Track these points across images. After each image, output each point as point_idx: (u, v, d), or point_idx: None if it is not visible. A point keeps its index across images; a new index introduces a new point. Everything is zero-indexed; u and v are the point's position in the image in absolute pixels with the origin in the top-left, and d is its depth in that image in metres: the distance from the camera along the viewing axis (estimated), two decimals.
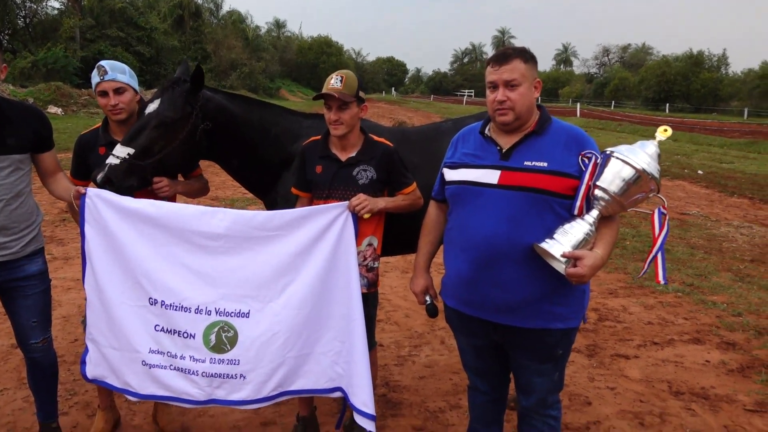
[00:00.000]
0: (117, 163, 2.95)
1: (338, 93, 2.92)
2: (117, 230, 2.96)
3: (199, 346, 2.96)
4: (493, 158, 2.58)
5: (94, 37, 41.36)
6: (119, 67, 3.19)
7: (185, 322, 2.96)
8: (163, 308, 2.97)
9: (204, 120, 3.17)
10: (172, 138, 3.06)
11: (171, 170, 3.21)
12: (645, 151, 2.41)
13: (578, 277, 2.32)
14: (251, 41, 66.06)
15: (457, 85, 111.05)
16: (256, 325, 2.97)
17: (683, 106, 67.22)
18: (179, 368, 2.98)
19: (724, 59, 76.96)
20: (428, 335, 5.12)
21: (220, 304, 2.96)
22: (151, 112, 3.06)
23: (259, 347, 2.97)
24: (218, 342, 2.97)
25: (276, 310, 2.97)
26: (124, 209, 2.96)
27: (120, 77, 3.16)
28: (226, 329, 2.97)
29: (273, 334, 2.97)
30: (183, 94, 3.10)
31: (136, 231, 2.96)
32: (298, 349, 3.01)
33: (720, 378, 4.48)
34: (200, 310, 2.96)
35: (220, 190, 11.13)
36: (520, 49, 2.55)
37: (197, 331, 2.96)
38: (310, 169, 3.13)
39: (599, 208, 2.43)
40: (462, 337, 2.88)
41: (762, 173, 16.18)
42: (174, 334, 2.98)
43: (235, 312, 2.97)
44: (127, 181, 2.98)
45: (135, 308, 2.99)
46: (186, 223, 2.95)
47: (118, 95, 3.15)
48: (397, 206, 3.11)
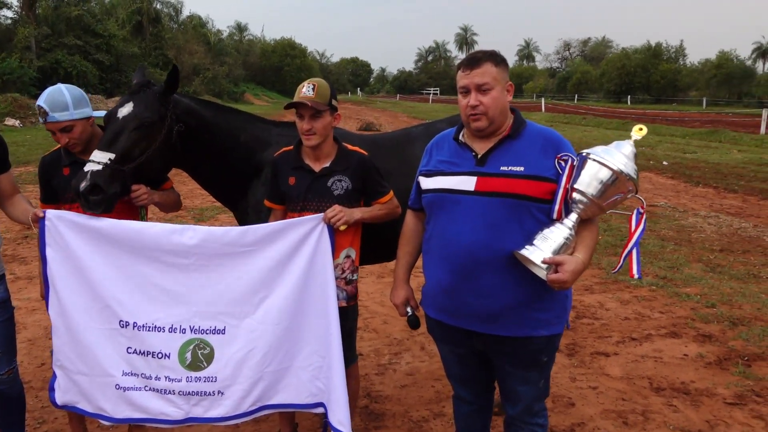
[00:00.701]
0: (99, 169, 2.75)
1: (311, 102, 2.83)
2: (81, 252, 2.84)
3: (175, 365, 2.88)
4: (469, 164, 2.52)
5: (50, 46, 40.28)
6: (60, 104, 2.89)
7: (159, 342, 2.87)
8: (135, 330, 2.86)
9: (177, 122, 3.06)
10: (152, 140, 2.94)
11: (150, 176, 3.06)
12: (621, 152, 2.38)
13: (560, 283, 2.28)
14: (213, 45, 65.21)
15: (423, 83, 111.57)
16: (232, 341, 2.90)
17: (644, 97, 68.68)
18: (155, 389, 2.89)
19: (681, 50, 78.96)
20: (408, 341, 5.06)
21: (194, 322, 2.88)
22: (126, 115, 2.91)
23: (237, 363, 2.90)
24: (194, 360, 2.89)
25: (252, 326, 2.91)
26: (87, 230, 2.84)
27: (60, 116, 2.89)
28: (202, 346, 2.89)
29: (250, 350, 2.90)
30: (156, 95, 2.99)
31: (101, 252, 2.84)
32: (277, 363, 2.95)
33: (699, 371, 4.50)
34: (174, 329, 2.88)
35: (188, 200, 10.89)
36: (490, 52, 2.50)
37: (172, 350, 2.88)
38: (283, 180, 3.04)
39: (578, 211, 2.39)
40: (444, 346, 2.82)
41: (724, 162, 16.55)
42: (147, 355, 2.88)
43: (211, 329, 2.90)
44: (111, 187, 2.78)
45: (105, 331, 2.88)
46: (154, 242, 2.84)
47: (66, 133, 2.94)
48: (374, 216, 3.04)
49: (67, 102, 2.91)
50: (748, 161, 16.81)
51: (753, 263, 7.35)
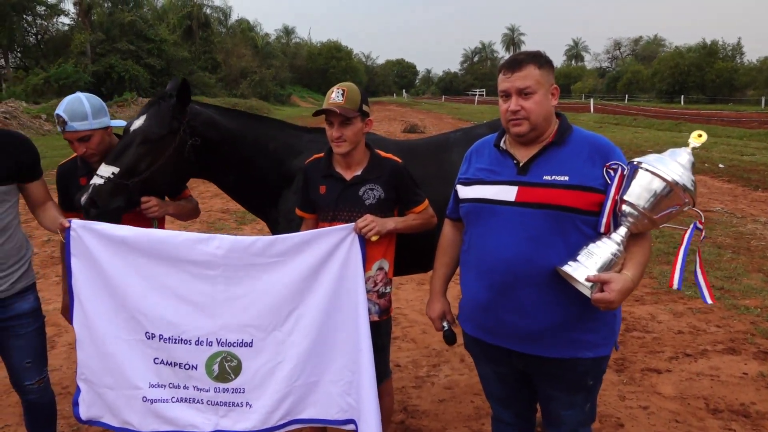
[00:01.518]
0: (101, 183, 2.78)
1: (340, 108, 2.71)
2: (106, 263, 2.79)
3: (202, 376, 2.83)
4: (510, 173, 2.36)
5: (104, 51, 41.62)
6: (79, 114, 2.86)
7: (186, 354, 2.82)
8: (162, 342, 2.81)
9: (192, 136, 2.99)
10: (159, 155, 2.90)
11: (159, 189, 3.04)
12: (677, 161, 2.18)
13: (606, 303, 2.09)
14: (261, 49, 66.27)
15: (468, 84, 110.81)
16: (260, 354, 2.83)
17: (698, 97, 66.33)
18: (183, 398, 2.86)
19: (738, 48, 75.93)
20: (447, 353, 4.89)
21: (221, 335, 2.81)
22: (136, 129, 2.90)
23: (264, 376, 2.83)
24: (222, 372, 2.84)
25: (280, 339, 2.83)
26: (113, 240, 2.78)
27: (79, 126, 2.86)
28: (229, 359, 2.83)
29: (278, 363, 2.83)
30: (169, 108, 2.94)
31: (126, 263, 2.79)
32: (306, 377, 2.86)
33: (760, 393, 4.19)
34: (201, 342, 2.81)
35: (231, 203, 10.96)
36: (533, 53, 2.33)
37: (199, 362, 2.82)
38: (314, 189, 2.94)
39: (627, 225, 2.20)
40: (483, 364, 2.66)
41: None
42: (175, 366, 2.84)
43: (238, 342, 2.82)
44: (112, 202, 2.81)
45: (131, 342, 2.83)
46: (179, 252, 2.78)
47: (84, 143, 2.91)
48: (408, 226, 2.90)
49: (86, 111, 2.88)
50: None
51: None
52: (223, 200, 10.99)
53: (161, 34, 46.60)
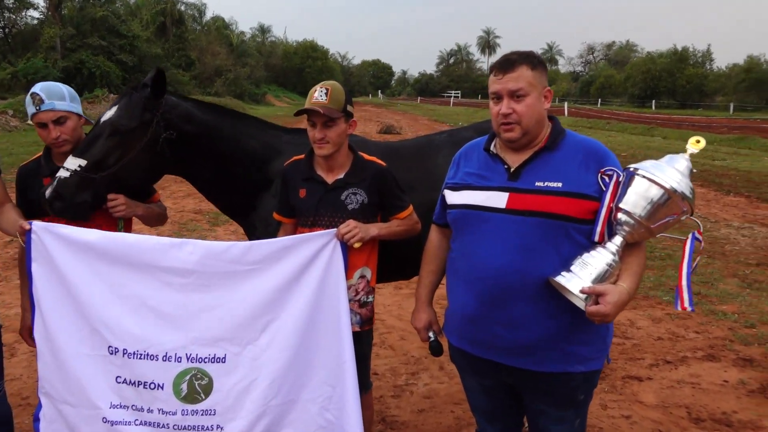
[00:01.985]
0: (67, 176, 2.64)
1: (323, 108, 2.58)
2: (68, 269, 2.60)
3: (169, 397, 2.61)
4: (500, 178, 2.25)
5: (75, 46, 40.66)
6: (57, 92, 2.74)
7: (152, 371, 2.61)
8: (126, 357, 2.61)
9: (167, 129, 2.84)
10: (129, 148, 2.76)
11: (129, 185, 2.86)
12: (675, 167, 2.09)
13: (601, 316, 2.00)
14: (236, 47, 65.56)
15: (444, 86, 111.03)
16: (233, 370, 2.63)
17: (669, 102, 67.47)
18: (147, 422, 2.63)
19: (708, 55, 77.27)
20: (426, 360, 4.77)
21: (191, 350, 2.62)
22: (105, 120, 2.76)
23: (238, 395, 2.63)
24: (191, 391, 2.62)
25: (256, 354, 2.64)
26: (77, 244, 2.60)
27: (59, 105, 2.72)
28: (200, 377, 2.62)
29: (253, 380, 2.64)
30: (141, 100, 2.80)
31: (91, 269, 2.61)
32: (283, 395, 2.67)
33: (741, 401, 4.16)
34: (169, 357, 2.61)
35: (204, 203, 10.72)
36: (526, 53, 2.22)
37: (166, 380, 2.61)
38: (293, 192, 2.79)
39: (623, 234, 2.10)
40: (469, 377, 2.54)
41: (756, 170, 15.99)
42: (139, 385, 2.62)
43: (209, 357, 2.63)
44: (78, 195, 2.66)
45: (93, 357, 2.63)
46: (149, 258, 2.60)
47: (59, 126, 2.74)
48: (392, 232, 2.77)
49: (65, 93, 2.76)
50: None
51: None
52: (196, 200, 10.74)
53: (134, 30, 45.70)
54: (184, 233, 8.45)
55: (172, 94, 2.97)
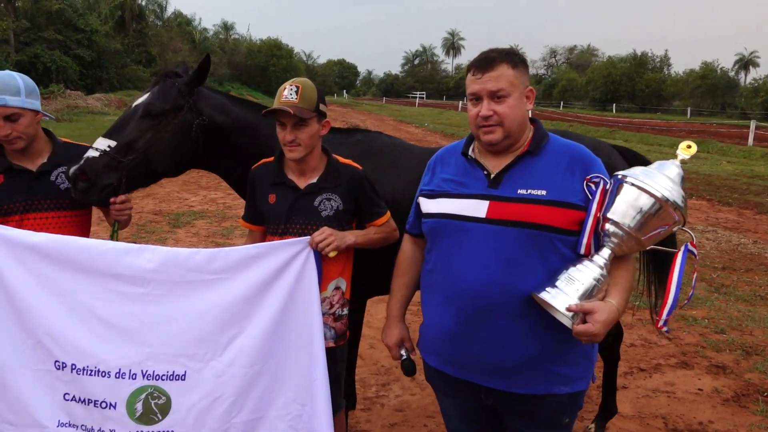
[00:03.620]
0: (95, 155, 2.54)
1: (293, 108, 2.39)
2: (11, 275, 2.37)
3: (122, 417, 2.38)
4: (480, 185, 2.09)
5: (29, 39, 39.31)
6: (11, 87, 2.53)
7: (103, 389, 2.37)
8: (74, 373, 2.37)
9: (200, 116, 2.78)
10: (162, 131, 2.68)
11: (159, 171, 2.78)
12: (665, 174, 1.96)
13: (589, 336, 1.85)
14: (198, 44, 64.45)
15: (409, 87, 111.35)
16: (194, 388, 2.42)
17: (629, 105, 68.92)
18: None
19: (666, 60, 79.48)
20: (396, 370, 4.60)
21: (147, 366, 2.39)
22: (138, 103, 2.73)
23: (199, 414, 2.42)
24: (146, 411, 2.39)
25: (219, 370, 2.43)
26: (22, 248, 2.38)
27: (12, 101, 2.51)
28: (156, 395, 2.40)
29: (216, 398, 2.42)
30: (174, 85, 2.75)
31: (36, 276, 2.37)
32: (248, 412, 2.47)
33: (716, 410, 4.10)
34: (122, 374, 2.38)
35: (164, 203, 10.36)
36: (506, 51, 2.06)
37: (119, 399, 2.38)
38: (262, 198, 2.60)
39: (611, 246, 1.97)
40: (446, 399, 2.37)
41: (715, 173, 16.31)
42: (89, 404, 2.38)
43: (168, 375, 2.41)
44: (105, 177, 2.55)
45: (38, 372, 2.39)
46: (102, 264, 2.38)
47: (10, 122, 2.53)
48: (369, 240, 2.59)
49: (20, 87, 2.56)
50: (739, 173, 16.58)
51: (758, 283, 6.99)
52: (155, 201, 10.37)
53: (92, 25, 44.35)
54: (142, 235, 8.10)
55: (207, 87, 2.92)
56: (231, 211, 9.94)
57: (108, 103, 32.60)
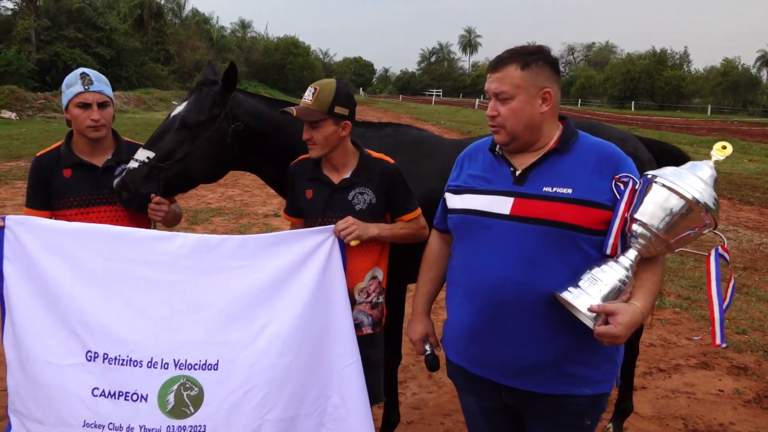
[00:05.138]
0: (136, 167, 2.68)
1: (301, 110, 2.48)
2: (45, 267, 2.39)
3: (153, 410, 2.35)
4: (505, 182, 2.07)
5: (50, 38, 39.74)
6: (104, 79, 2.79)
7: (135, 379, 2.36)
8: (106, 363, 2.36)
9: (235, 122, 2.84)
10: (196, 141, 2.77)
11: (197, 176, 2.87)
12: (697, 175, 1.91)
13: (611, 337, 1.82)
14: (216, 42, 64.75)
15: (425, 84, 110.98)
16: (227, 379, 2.40)
17: (648, 103, 68.18)
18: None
19: (686, 57, 78.43)
20: (413, 368, 4.60)
21: (179, 354, 2.38)
22: (175, 115, 2.82)
23: (231, 408, 2.38)
24: (178, 404, 2.37)
25: (252, 360, 2.42)
26: (56, 238, 2.41)
27: (106, 90, 2.76)
28: (189, 386, 2.38)
29: (248, 390, 2.40)
30: (210, 94, 2.82)
31: (71, 266, 2.40)
32: (281, 410, 2.44)
33: (737, 411, 4.05)
34: (154, 364, 2.37)
35: (181, 201, 10.41)
36: (522, 51, 2.02)
37: (150, 390, 2.36)
38: (300, 193, 2.68)
39: (638, 247, 1.93)
40: (467, 396, 2.36)
41: (736, 172, 16.11)
42: (119, 397, 2.36)
43: (200, 364, 2.39)
44: (145, 187, 2.68)
45: (67, 368, 2.38)
46: (135, 252, 2.41)
47: (102, 109, 2.71)
48: (394, 235, 2.63)
49: (108, 81, 2.84)
50: (761, 171, 16.36)
51: None
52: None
53: (111, 23, 44.74)
54: None
55: (240, 91, 2.96)
56: (248, 209, 10.00)
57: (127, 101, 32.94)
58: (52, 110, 26.67)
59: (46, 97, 28.34)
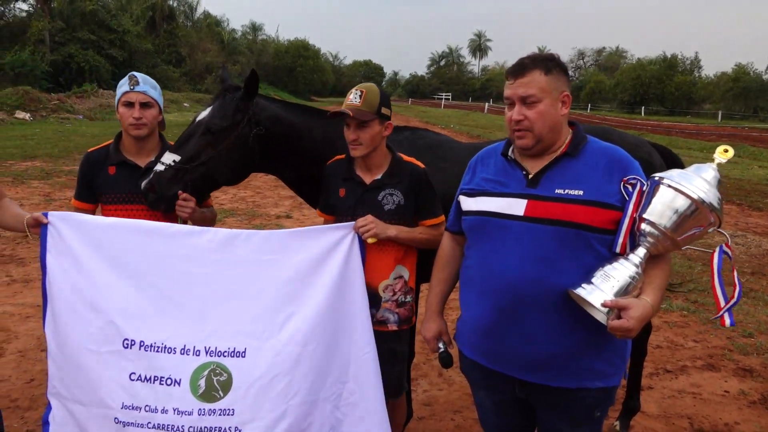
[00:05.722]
0: (162, 169, 2.79)
1: (354, 110, 2.60)
2: (86, 260, 2.55)
3: (185, 394, 2.49)
4: (519, 185, 2.18)
5: (64, 40, 40.21)
6: (151, 82, 3.00)
7: (169, 365, 2.51)
8: (142, 350, 2.52)
9: (257, 126, 2.97)
10: (219, 145, 2.89)
11: (220, 177, 2.98)
12: (702, 177, 2.02)
13: (623, 331, 1.92)
14: (227, 44, 65.24)
15: (435, 88, 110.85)
16: (253, 365, 2.53)
17: (658, 108, 67.98)
18: (159, 425, 2.49)
19: (696, 62, 78.09)
20: (424, 366, 4.70)
21: (210, 342, 2.53)
22: (200, 120, 2.94)
23: (258, 393, 2.52)
24: (209, 388, 2.51)
25: (277, 348, 2.55)
26: (94, 232, 2.57)
27: (151, 92, 2.95)
28: (219, 372, 2.52)
29: (273, 376, 2.54)
30: (234, 101, 2.94)
31: (109, 259, 2.55)
32: (303, 394, 2.58)
33: (742, 412, 4.13)
34: (187, 350, 2.52)
35: None
36: (541, 57, 2.14)
37: (183, 375, 2.51)
38: (333, 192, 2.83)
39: (647, 245, 2.03)
40: (481, 391, 2.46)
41: (746, 178, 16.11)
42: (154, 381, 2.51)
43: (229, 351, 2.54)
44: (170, 188, 2.80)
45: (104, 355, 2.53)
46: (169, 245, 2.56)
47: (144, 109, 2.91)
48: (413, 239, 2.75)
49: (157, 86, 3.03)
50: None
51: None
52: None
53: (124, 25, 45.21)
54: None
55: (261, 96, 3.06)
56: (260, 210, 10.13)
57: None
58: (65, 111, 26.95)
59: (59, 98, 28.65)
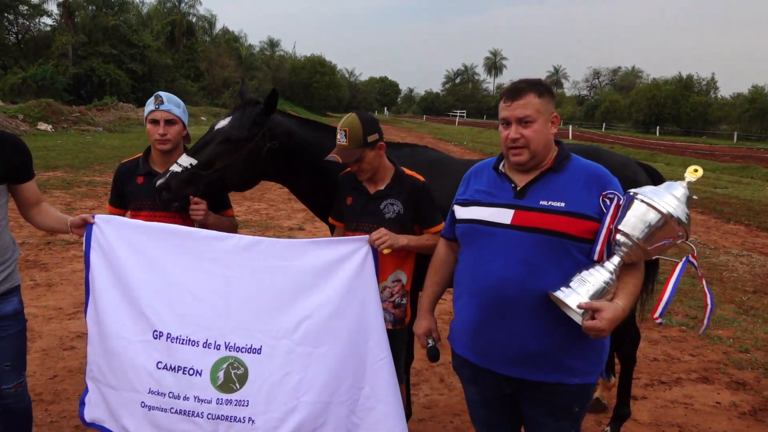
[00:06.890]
0: (179, 171, 2.99)
1: (343, 154, 2.88)
2: (124, 257, 2.84)
3: (206, 384, 2.75)
4: (507, 196, 2.40)
5: (86, 53, 41.20)
6: (175, 101, 3.24)
7: (192, 357, 2.76)
8: (169, 341, 2.78)
9: (271, 140, 3.18)
10: (234, 155, 3.09)
11: (232, 184, 3.21)
12: (672, 194, 2.24)
13: (596, 331, 2.13)
14: (244, 60, 66.18)
15: (450, 105, 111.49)
16: (268, 362, 2.77)
17: (673, 129, 67.76)
18: (181, 410, 2.75)
19: (713, 83, 77.80)
20: (426, 372, 4.90)
21: (230, 338, 2.78)
22: (219, 128, 3.13)
23: (271, 387, 2.76)
24: (227, 380, 2.76)
25: (290, 348, 2.79)
26: (133, 233, 2.87)
27: (174, 110, 3.19)
28: (236, 366, 2.77)
29: (286, 373, 2.77)
30: (252, 115, 3.15)
31: (145, 258, 2.84)
32: (316, 394, 2.79)
33: (732, 422, 4.28)
34: (209, 344, 2.77)
35: None
36: (534, 82, 2.39)
37: (204, 367, 2.76)
38: (343, 199, 3.13)
39: (621, 254, 2.25)
40: (471, 387, 2.67)
41: (756, 199, 16.14)
42: (178, 371, 2.76)
43: (246, 347, 2.78)
44: (183, 189, 2.99)
45: (136, 343, 2.80)
46: (199, 248, 2.82)
47: (168, 126, 3.16)
48: (421, 245, 2.99)
49: (181, 104, 3.29)
50: None
51: None
52: None
53: (145, 40, 46.28)
54: None
55: (278, 111, 3.28)
56: (274, 222, 10.40)
57: None
58: (86, 123, 27.55)
59: (80, 110, 29.27)
